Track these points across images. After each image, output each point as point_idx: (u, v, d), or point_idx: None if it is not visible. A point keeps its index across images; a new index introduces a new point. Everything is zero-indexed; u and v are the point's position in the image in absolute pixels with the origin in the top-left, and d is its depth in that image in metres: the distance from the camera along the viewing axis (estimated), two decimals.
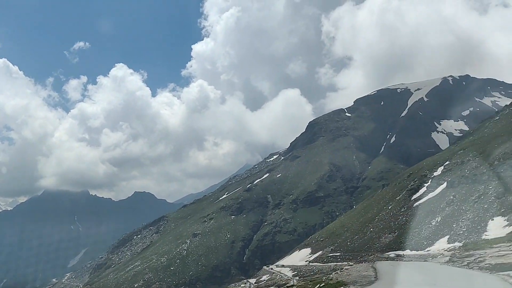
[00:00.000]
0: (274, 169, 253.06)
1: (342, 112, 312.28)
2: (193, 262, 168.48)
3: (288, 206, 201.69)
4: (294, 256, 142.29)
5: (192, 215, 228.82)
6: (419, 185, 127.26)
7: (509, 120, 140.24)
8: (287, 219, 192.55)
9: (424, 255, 74.33)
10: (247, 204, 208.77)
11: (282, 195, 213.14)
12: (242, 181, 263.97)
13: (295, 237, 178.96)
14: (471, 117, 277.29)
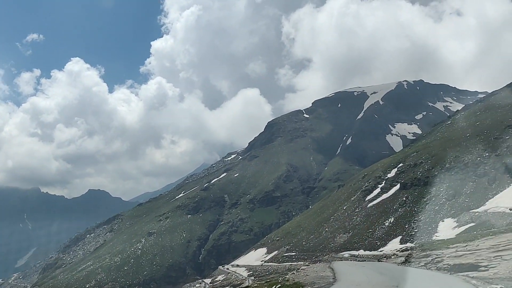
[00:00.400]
0: (231, 169, 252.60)
1: (300, 113, 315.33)
2: (147, 261, 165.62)
3: (245, 205, 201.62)
4: (250, 256, 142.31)
5: (147, 214, 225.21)
6: (373, 186, 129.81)
7: (460, 124, 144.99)
8: (243, 218, 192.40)
9: (377, 255, 75.65)
10: (203, 203, 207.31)
11: (239, 194, 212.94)
12: (199, 180, 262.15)
13: (251, 236, 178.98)
14: (424, 121, 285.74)
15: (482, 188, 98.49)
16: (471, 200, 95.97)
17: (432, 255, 31.82)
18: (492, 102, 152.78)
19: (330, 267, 37.56)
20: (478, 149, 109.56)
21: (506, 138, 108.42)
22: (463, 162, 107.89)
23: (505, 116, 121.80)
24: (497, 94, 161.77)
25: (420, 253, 34.75)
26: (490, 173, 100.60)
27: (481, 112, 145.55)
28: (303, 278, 28.97)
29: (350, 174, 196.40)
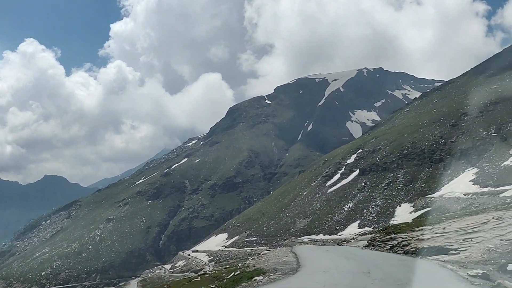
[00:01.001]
0: (192, 154, 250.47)
1: (262, 99, 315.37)
2: (106, 248, 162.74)
3: (206, 191, 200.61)
4: (211, 241, 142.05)
5: (106, 200, 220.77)
6: (333, 172, 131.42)
7: (418, 111, 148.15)
8: (204, 204, 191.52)
9: (337, 239, 76.63)
10: (164, 189, 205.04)
11: (200, 180, 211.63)
12: (160, 166, 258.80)
13: (212, 222, 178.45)
14: (383, 108, 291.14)
15: (438, 174, 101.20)
16: (427, 186, 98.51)
17: (398, 238, 30.86)
18: (448, 90, 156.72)
19: (292, 252, 33.88)
20: (435, 136, 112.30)
21: (461, 125, 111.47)
22: (420, 149, 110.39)
23: (461, 104, 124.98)
24: (454, 82, 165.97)
25: (385, 236, 33.47)
26: (446, 159, 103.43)
27: (438, 100, 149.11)
28: (264, 264, 26.40)
29: (310, 160, 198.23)
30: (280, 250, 39.13)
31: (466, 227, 26.14)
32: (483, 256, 19.53)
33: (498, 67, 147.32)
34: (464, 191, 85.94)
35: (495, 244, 20.08)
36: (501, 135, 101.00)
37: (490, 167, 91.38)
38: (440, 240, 24.97)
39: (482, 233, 23.25)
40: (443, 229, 28.08)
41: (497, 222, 24.52)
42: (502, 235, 21.21)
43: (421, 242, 26.48)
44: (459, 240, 23.53)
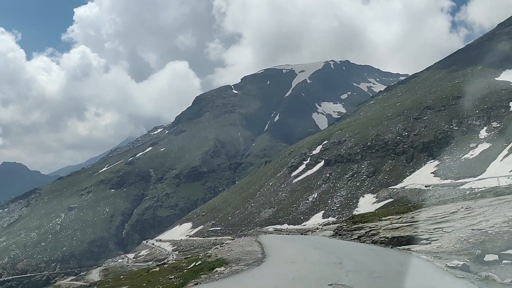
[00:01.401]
0: (157, 143, 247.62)
1: (229, 88, 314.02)
2: (67, 237, 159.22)
3: (171, 180, 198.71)
4: (175, 230, 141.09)
5: (68, 188, 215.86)
6: (299, 163, 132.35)
7: (382, 104, 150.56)
8: (169, 193, 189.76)
9: (301, 229, 77.13)
10: (128, 178, 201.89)
11: (165, 169, 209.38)
12: (124, 154, 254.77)
13: (177, 211, 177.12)
14: (348, 100, 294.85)
15: (400, 166, 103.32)
16: (390, 177, 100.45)
17: (365, 227, 29.99)
18: (412, 84, 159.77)
19: (257, 241, 32.47)
20: (398, 129, 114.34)
21: (424, 118, 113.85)
22: (383, 141, 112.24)
23: (424, 97, 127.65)
24: (418, 76, 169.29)
25: (352, 226, 32.69)
26: (409, 151, 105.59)
27: (402, 93, 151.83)
28: (227, 254, 24.89)
29: (276, 151, 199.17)
30: (245, 240, 37.31)
31: (435, 216, 25.63)
32: (456, 246, 19.01)
33: (460, 62, 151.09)
34: (425, 183, 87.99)
35: (466, 234, 19.72)
36: (462, 129, 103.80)
37: (451, 160, 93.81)
38: (410, 229, 24.45)
39: (452, 223, 22.83)
40: (411, 218, 27.59)
41: (467, 212, 24.25)
42: (473, 225, 20.88)
43: (390, 231, 25.75)
44: (429, 229, 22.97)
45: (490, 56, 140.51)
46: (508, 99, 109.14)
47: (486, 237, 18.23)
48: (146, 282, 22.64)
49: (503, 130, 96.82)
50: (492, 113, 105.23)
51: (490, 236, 18.13)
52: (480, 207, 24.42)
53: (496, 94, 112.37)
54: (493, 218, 20.54)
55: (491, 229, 18.93)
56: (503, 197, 25.66)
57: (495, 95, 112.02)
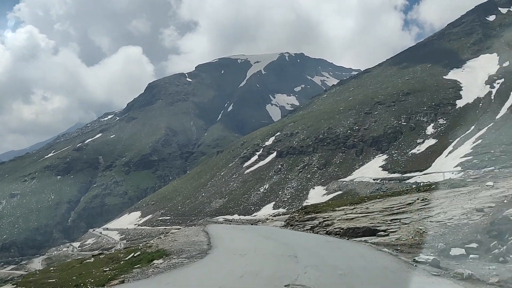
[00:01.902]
0: (108, 129, 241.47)
1: (183, 76, 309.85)
2: (8, 225, 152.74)
3: (120, 168, 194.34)
4: (123, 219, 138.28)
5: (10, 174, 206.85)
6: (251, 154, 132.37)
7: (335, 98, 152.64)
8: (118, 181, 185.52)
9: (251, 219, 77.16)
10: (75, 164, 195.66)
11: (115, 156, 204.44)
12: (72, 140, 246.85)
13: (126, 200, 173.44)
14: (302, 93, 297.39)
15: (350, 159, 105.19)
16: (340, 170, 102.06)
17: (318, 218, 28.95)
18: (364, 79, 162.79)
19: (204, 230, 31.05)
20: (350, 123, 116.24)
21: (375, 113, 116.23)
22: (335, 134, 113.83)
23: (375, 93, 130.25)
24: (370, 72, 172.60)
25: (304, 216, 31.59)
26: (359, 145, 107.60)
27: (354, 88, 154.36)
28: (170, 244, 23.57)
29: (229, 141, 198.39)
30: (192, 229, 35.51)
31: (391, 207, 24.99)
32: (415, 239, 18.26)
33: (411, 60, 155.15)
34: (373, 176, 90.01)
35: (425, 226, 19.16)
36: (410, 125, 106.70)
37: (399, 155, 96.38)
38: (366, 220, 23.60)
39: (409, 214, 22.27)
40: (366, 209, 26.88)
41: (423, 203, 23.75)
42: (431, 217, 20.27)
43: (345, 222, 24.78)
44: (386, 221, 22.21)
45: (439, 55, 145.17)
46: (454, 97, 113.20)
47: (445, 230, 17.74)
48: (77, 274, 20.40)
49: (449, 127, 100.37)
50: (439, 110, 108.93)
51: (449, 229, 17.68)
52: (437, 198, 24.16)
53: (443, 92, 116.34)
54: (451, 210, 20.17)
55: (450, 221, 18.51)
56: (458, 189, 25.43)
57: (442, 93, 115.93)
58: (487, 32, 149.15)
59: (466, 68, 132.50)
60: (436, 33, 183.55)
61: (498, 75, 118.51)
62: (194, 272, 15.91)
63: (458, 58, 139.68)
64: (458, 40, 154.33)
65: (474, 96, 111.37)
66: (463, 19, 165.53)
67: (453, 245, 15.75)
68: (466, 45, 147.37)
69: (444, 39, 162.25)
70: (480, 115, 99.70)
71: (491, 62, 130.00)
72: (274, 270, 14.70)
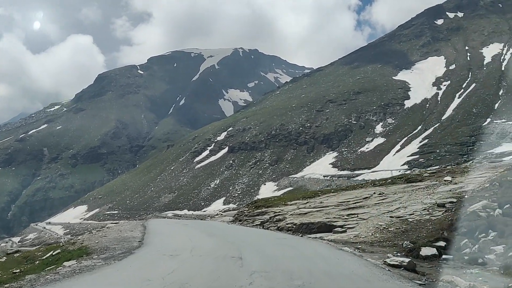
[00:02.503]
0: (54, 120, 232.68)
1: (134, 68, 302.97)
2: None
3: (67, 160, 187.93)
4: (69, 213, 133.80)
5: None
6: (203, 148, 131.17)
7: (288, 95, 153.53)
8: (64, 174, 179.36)
9: (201, 215, 76.27)
10: (18, 156, 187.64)
11: (61, 148, 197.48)
12: (15, 130, 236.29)
13: (72, 193, 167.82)
14: (255, 89, 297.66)
15: (301, 156, 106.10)
16: (291, 166, 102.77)
17: (269, 212, 27.39)
18: (317, 77, 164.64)
19: (143, 225, 28.58)
20: (302, 120, 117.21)
21: (326, 111, 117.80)
22: (287, 131, 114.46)
23: (327, 91, 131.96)
24: (322, 70, 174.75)
25: (254, 211, 30.19)
26: (310, 142, 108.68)
27: (307, 86, 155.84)
28: (97, 240, 20.78)
29: (180, 135, 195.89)
30: (130, 224, 33.33)
31: (347, 201, 24.02)
32: (376, 236, 16.95)
33: (362, 60, 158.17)
34: (323, 173, 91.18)
35: (385, 222, 18.09)
36: (360, 123, 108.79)
37: (348, 152, 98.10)
38: (320, 215, 22.24)
39: (367, 209, 21.24)
40: (320, 203, 25.78)
41: (381, 198, 23.12)
42: (390, 212, 19.49)
43: (299, 217, 23.23)
44: (342, 216, 20.99)
45: (389, 55, 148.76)
46: (403, 98, 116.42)
47: (408, 226, 16.76)
48: None
49: (397, 126, 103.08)
50: (388, 109, 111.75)
51: (412, 225, 16.67)
52: (394, 193, 23.64)
53: (392, 92, 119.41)
54: (411, 205, 19.53)
55: (411, 217, 17.69)
56: (415, 184, 25.28)
57: (391, 93, 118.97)
58: (435, 35, 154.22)
59: (414, 69, 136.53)
60: (387, 34, 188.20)
61: (444, 77, 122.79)
62: (102, 280, 12.37)
63: (407, 60, 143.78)
64: (408, 42, 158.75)
65: (421, 97, 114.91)
66: (413, 22, 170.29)
67: (420, 243, 14.31)
68: (416, 47, 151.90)
69: (394, 41, 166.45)
70: (427, 115, 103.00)
71: (438, 64, 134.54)
72: (209, 278, 11.54)
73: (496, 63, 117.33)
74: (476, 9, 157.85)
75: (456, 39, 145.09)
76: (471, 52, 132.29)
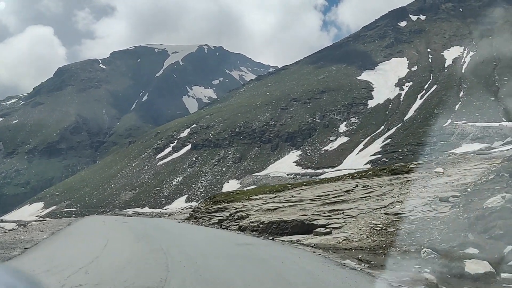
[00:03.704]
0: (10, 114, 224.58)
1: (96, 62, 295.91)
2: None
3: (23, 156, 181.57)
4: (24, 210, 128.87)
5: None
6: (165, 145, 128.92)
7: (252, 93, 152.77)
8: (20, 170, 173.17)
9: (162, 213, 74.62)
10: None
11: (17, 143, 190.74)
12: None
13: (28, 190, 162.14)
14: (220, 86, 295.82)
15: (265, 154, 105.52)
16: (255, 164, 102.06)
17: (230, 208, 23.10)
18: (282, 75, 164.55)
19: (69, 223, 24.27)
20: (266, 117, 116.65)
21: (291, 109, 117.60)
22: (251, 128, 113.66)
23: (292, 89, 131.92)
24: (287, 69, 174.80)
25: (212, 207, 26.51)
26: (274, 140, 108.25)
27: (271, 84, 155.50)
28: None
29: (143, 131, 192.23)
30: (57, 222, 28.01)
31: (325, 195, 20.50)
32: (374, 239, 12.86)
33: (327, 59, 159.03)
34: (287, 171, 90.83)
35: (381, 220, 14.49)
36: (324, 122, 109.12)
37: (312, 151, 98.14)
38: (294, 211, 18.11)
39: (352, 204, 17.85)
40: (292, 197, 22.28)
41: (366, 191, 20.14)
42: (384, 208, 16.09)
43: (267, 214, 18.95)
44: (323, 212, 17.18)
45: (353, 56, 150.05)
46: (366, 98, 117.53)
47: (411, 226, 12.99)
48: None
49: (360, 125, 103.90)
50: (352, 109, 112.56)
51: (416, 224, 12.96)
52: (380, 185, 20.84)
53: (356, 92, 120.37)
54: (407, 200, 16.43)
55: (412, 214, 14.31)
56: (402, 176, 22.66)
57: (355, 93, 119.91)
58: (398, 37, 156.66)
59: (378, 70, 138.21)
60: (352, 34, 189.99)
61: (407, 78, 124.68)
62: None
63: (371, 60, 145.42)
64: (372, 43, 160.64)
65: (384, 97, 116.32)
66: (377, 23, 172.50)
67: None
68: (379, 48, 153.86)
69: (359, 41, 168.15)
70: (389, 115, 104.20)
71: (401, 65, 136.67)
72: None
73: (457, 66, 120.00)
74: (438, 12, 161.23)
75: (419, 41, 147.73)
76: (432, 54, 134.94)
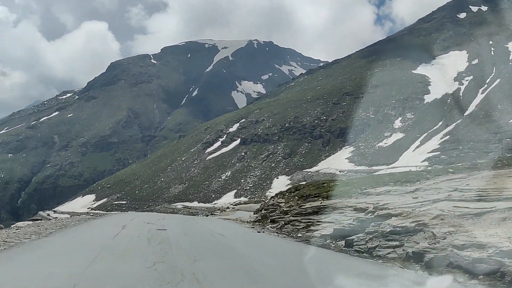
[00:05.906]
0: (65, 108, 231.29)
1: (148, 57, 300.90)
2: None
3: (77, 149, 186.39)
4: (76, 202, 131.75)
5: None
6: (214, 140, 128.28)
7: (303, 87, 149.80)
8: (74, 162, 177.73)
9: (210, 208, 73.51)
10: (28, 143, 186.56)
11: (72, 136, 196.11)
12: (27, 117, 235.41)
13: (81, 182, 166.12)
14: (269, 81, 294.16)
15: (316, 149, 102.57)
16: (305, 160, 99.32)
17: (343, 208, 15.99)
18: (333, 69, 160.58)
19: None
20: (317, 112, 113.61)
21: (343, 104, 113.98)
22: (301, 123, 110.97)
23: (344, 83, 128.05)
24: (339, 62, 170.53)
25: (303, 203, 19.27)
26: (325, 136, 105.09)
27: (322, 78, 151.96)
28: None
29: (192, 126, 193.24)
30: (122, 216, 24.50)
31: None
32: None
33: (380, 53, 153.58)
34: (339, 168, 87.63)
35: None
36: (378, 118, 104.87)
37: (366, 147, 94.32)
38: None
39: None
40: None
41: None
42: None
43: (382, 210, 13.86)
44: None
45: (408, 49, 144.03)
46: (423, 92, 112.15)
47: None
48: None
49: (416, 121, 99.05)
50: (407, 104, 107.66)
51: None
52: None
53: (412, 86, 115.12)
54: None
55: None
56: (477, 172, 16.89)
57: (411, 87, 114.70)
58: (457, 29, 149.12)
59: (435, 63, 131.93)
60: (406, 27, 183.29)
61: (467, 72, 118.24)
62: None
63: (427, 54, 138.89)
64: (428, 35, 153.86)
65: (442, 92, 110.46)
66: (434, 15, 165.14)
67: None
68: (436, 41, 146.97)
69: (414, 34, 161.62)
70: (448, 111, 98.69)
71: (460, 59, 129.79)
72: None
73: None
74: (502, 2, 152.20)
75: (480, 33, 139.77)
76: (495, 47, 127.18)
